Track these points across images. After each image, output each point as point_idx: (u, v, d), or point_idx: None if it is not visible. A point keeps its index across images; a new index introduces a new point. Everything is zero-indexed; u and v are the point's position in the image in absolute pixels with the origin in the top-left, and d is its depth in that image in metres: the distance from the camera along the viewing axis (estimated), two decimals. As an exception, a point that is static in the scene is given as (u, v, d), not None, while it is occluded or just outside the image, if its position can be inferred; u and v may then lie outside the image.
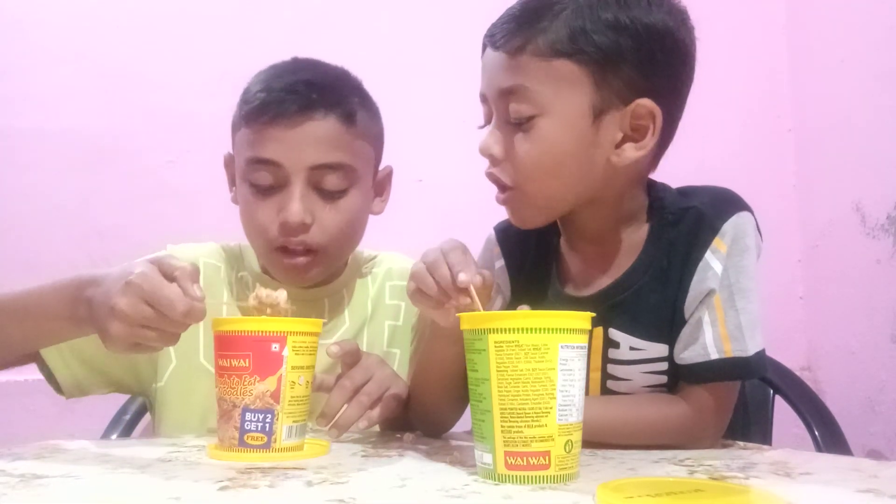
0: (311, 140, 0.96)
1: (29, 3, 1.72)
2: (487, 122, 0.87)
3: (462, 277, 0.71)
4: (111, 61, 1.73)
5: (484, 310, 0.71)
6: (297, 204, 0.96)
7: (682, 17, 0.83)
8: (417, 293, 0.77)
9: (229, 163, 1.07)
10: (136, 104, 1.71)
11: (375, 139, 1.07)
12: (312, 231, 0.98)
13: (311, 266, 1.00)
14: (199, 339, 1.01)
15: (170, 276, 0.73)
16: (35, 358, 0.97)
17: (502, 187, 0.86)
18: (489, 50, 0.85)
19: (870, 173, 1.60)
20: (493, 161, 0.85)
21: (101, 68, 1.72)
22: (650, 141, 0.81)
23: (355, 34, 1.80)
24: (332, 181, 0.98)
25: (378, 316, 1.11)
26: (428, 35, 1.82)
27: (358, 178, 1.01)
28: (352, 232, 1.04)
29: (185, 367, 1.02)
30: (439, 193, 1.75)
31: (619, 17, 0.79)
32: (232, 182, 1.07)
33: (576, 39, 0.79)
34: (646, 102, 0.80)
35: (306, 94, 0.97)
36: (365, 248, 1.16)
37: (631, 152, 0.82)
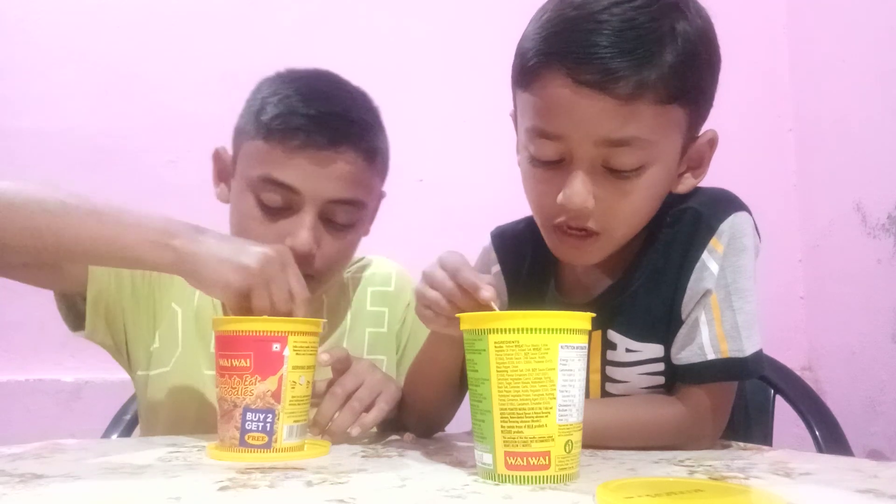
0: (335, 174, 0.94)
1: (29, 3, 1.73)
2: (550, 158, 0.78)
3: (485, 294, 0.68)
4: (111, 61, 1.73)
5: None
6: (307, 234, 0.94)
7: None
8: (430, 315, 0.75)
9: (222, 157, 1.04)
10: (136, 104, 1.71)
11: (385, 173, 1.06)
12: (311, 259, 0.96)
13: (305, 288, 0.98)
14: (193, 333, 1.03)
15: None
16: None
17: (585, 232, 0.80)
18: (566, 82, 0.73)
19: (870, 173, 1.60)
20: (586, 213, 0.77)
21: (101, 68, 1.73)
22: (706, 167, 0.83)
23: (355, 34, 1.81)
24: (343, 216, 0.97)
25: (358, 324, 1.10)
26: (428, 35, 1.82)
27: (366, 214, 1.02)
28: (348, 259, 1.05)
29: (187, 357, 1.02)
30: (439, 193, 1.75)
31: (708, 45, 0.77)
32: (219, 178, 1.05)
33: (683, 78, 0.74)
34: (713, 135, 0.82)
35: (338, 128, 0.95)
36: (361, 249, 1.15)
37: (691, 180, 0.83)
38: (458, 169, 1.71)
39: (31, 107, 1.70)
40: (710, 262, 0.80)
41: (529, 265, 0.94)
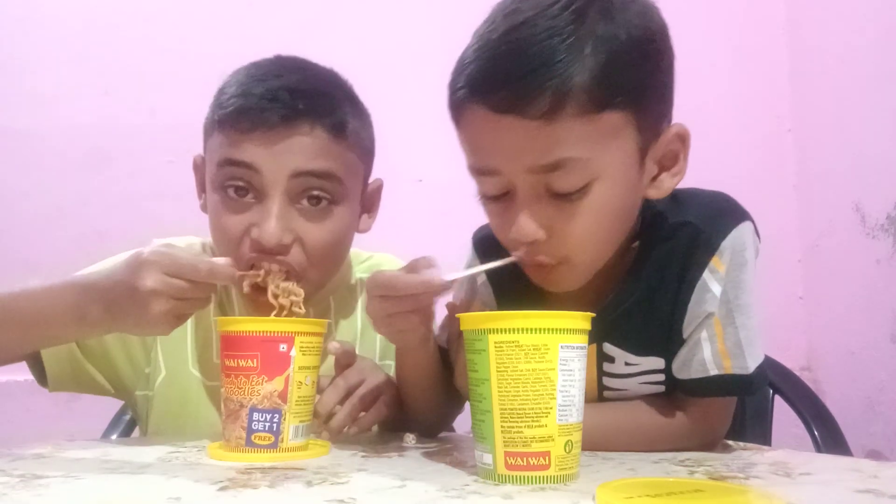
0: (294, 149, 0.87)
1: (29, 3, 1.73)
2: (495, 193, 0.75)
3: (434, 278, 0.70)
4: (111, 61, 1.73)
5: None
6: (273, 221, 0.86)
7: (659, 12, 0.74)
8: (407, 336, 0.76)
9: (199, 166, 0.98)
10: (136, 104, 1.71)
11: (366, 152, 0.97)
12: (293, 252, 0.89)
13: (297, 302, 0.90)
14: (187, 348, 0.99)
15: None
16: (29, 356, 0.94)
17: (545, 263, 0.75)
18: (483, 113, 0.69)
19: (870, 173, 1.60)
20: (536, 244, 0.73)
21: (101, 68, 1.73)
22: (683, 164, 0.76)
23: (355, 34, 1.80)
24: (316, 193, 0.89)
25: (369, 329, 1.04)
26: (427, 34, 1.82)
27: (346, 192, 0.92)
28: (336, 255, 0.96)
29: (175, 377, 0.98)
30: (439, 193, 1.75)
31: (633, 34, 0.69)
32: (201, 188, 0.99)
33: (615, 83, 0.67)
34: (679, 128, 0.75)
35: (290, 103, 0.87)
36: (357, 248, 1.10)
37: (668, 182, 0.76)
38: (458, 169, 1.71)
39: (31, 107, 1.70)
40: (711, 284, 0.76)
41: (515, 277, 0.86)
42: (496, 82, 0.68)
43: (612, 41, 0.68)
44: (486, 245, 0.92)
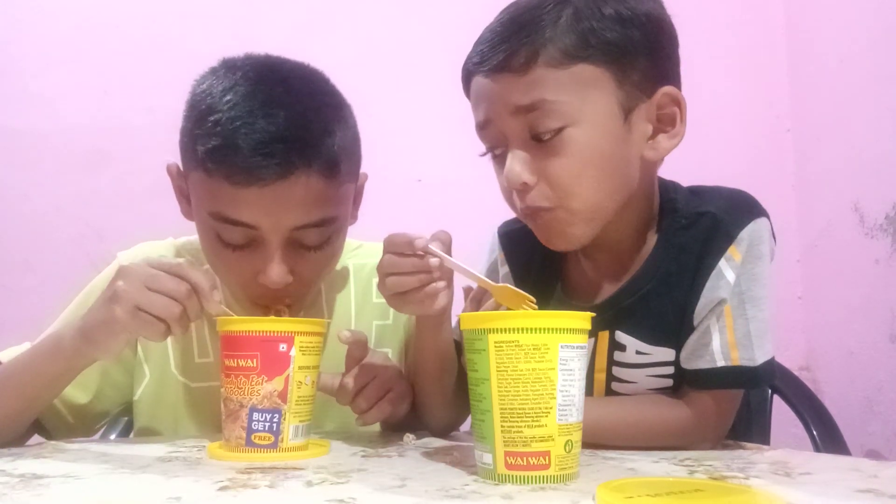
0: (291, 203, 0.84)
1: (29, 3, 1.73)
2: (493, 146, 0.83)
3: (419, 242, 0.73)
4: (110, 61, 1.73)
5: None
6: (277, 269, 0.86)
7: (662, 3, 0.82)
8: (395, 296, 0.77)
9: (175, 176, 0.94)
10: (136, 104, 1.71)
11: (356, 169, 0.95)
12: (291, 285, 0.89)
13: (292, 308, 0.93)
14: (168, 349, 0.99)
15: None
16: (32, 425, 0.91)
17: (540, 210, 0.80)
18: (481, 77, 0.80)
19: (869, 173, 1.60)
20: (526, 188, 0.79)
21: (101, 68, 1.73)
22: (681, 127, 0.80)
23: (355, 34, 1.81)
24: (314, 237, 0.88)
25: (364, 316, 1.06)
26: (427, 35, 1.82)
27: (341, 224, 0.92)
28: (333, 265, 0.98)
29: (159, 380, 0.99)
30: (439, 193, 1.75)
31: (620, 11, 0.77)
32: (180, 194, 0.94)
33: (587, 41, 0.76)
34: (669, 90, 0.79)
35: (285, 155, 0.82)
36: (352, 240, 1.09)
37: (665, 143, 0.80)
38: (457, 169, 1.72)
39: (31, 107, 1.70)
40: (726, 271, 0.78)
41: (538, 266, 0.93)
42: (490, 52, 0.79)
43: (591, 10, 0.77)
44: (511, 240, 0.97)
